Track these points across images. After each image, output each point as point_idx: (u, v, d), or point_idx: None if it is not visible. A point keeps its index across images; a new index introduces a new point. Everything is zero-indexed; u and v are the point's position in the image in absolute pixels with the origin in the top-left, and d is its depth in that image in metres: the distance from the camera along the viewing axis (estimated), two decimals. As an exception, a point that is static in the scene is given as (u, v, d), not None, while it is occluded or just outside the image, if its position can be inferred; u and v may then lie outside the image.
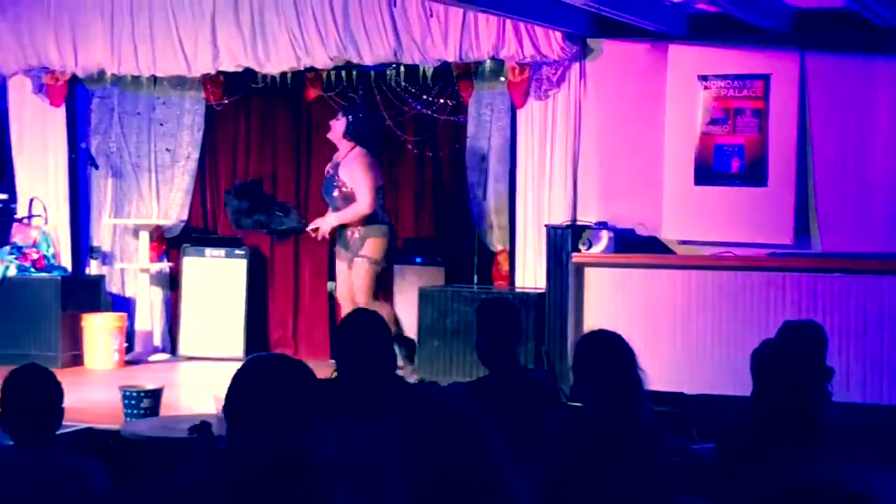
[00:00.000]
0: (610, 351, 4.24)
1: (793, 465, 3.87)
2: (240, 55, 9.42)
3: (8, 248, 9.95)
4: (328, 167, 8.73)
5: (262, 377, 3.68)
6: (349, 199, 8.46)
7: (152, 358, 10.13)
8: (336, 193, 8.52)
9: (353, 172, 8.46)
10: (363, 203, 8.42)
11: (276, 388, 3.63)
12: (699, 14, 8.21)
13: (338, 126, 8.60)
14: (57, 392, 3.64)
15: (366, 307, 8.50)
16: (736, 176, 8.53)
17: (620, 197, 8.74)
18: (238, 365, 8.99)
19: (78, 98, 10.41)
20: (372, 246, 8.52)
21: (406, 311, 9.19)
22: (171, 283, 10.51)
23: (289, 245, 10.31)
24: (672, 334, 8.13)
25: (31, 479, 3.52)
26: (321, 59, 9.27)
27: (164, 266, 10.42)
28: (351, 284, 8.60)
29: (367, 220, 8.50)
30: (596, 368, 4.23)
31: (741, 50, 8.49)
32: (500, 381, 4.85)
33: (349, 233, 8.57)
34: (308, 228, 8.81)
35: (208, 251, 10.25)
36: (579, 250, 8.45)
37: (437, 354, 8.66)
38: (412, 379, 6.53)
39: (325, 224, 8.63)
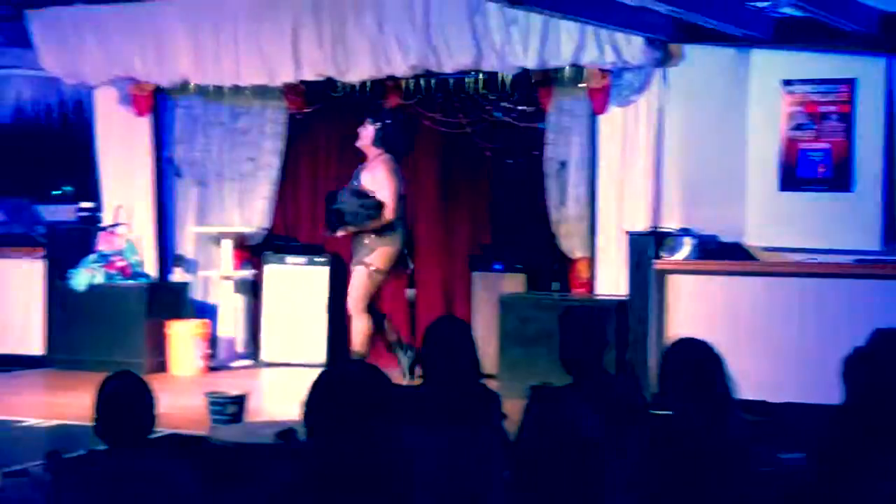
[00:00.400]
0: (699, 359, 4.22)
1: (887, 475, 3.81)
2: (321, 64, 9.49)
3: (94, 255, 10.11)
4: (354, 173, 8.93)
5: (339, 386, 3.69)
6: None
7: (235, 364, 10.24)
8: None
9: (377, 178, 8.76)
10: (386, 210, 8.58)
11: (355, 396, 3.65)
12: (783, 18, 8.12)
13: (366, 133, 8.74)
14: (150, 398, 3.70)
15: (355, 315, 8.94)
16: (821, 181, 8.44)
17: (703, 203, 8.67)
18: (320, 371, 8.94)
19: (162, 108, 10.55)
20: (380, 255, 8.87)
21: (485, 318, 9.20)
22: (254, 291, 10.61)
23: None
24: (755, 341, 8.03)
25: (125, 483, 3.57)
26: (401, 67, 9.30)
27: (247, 273, 10.51)
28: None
29: (383, 229, 8.74)
30: (685, 377, 4.20)
31: (827, 54, 8.39)
32: (584, 389, 4.83)
33: (364, 238, 8.84)
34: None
35: (289, 259, 10.33)
36: (661, 257, 8.41)
37: (517, 362, 8.64)
38: None
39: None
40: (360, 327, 8.94)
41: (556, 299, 8.72)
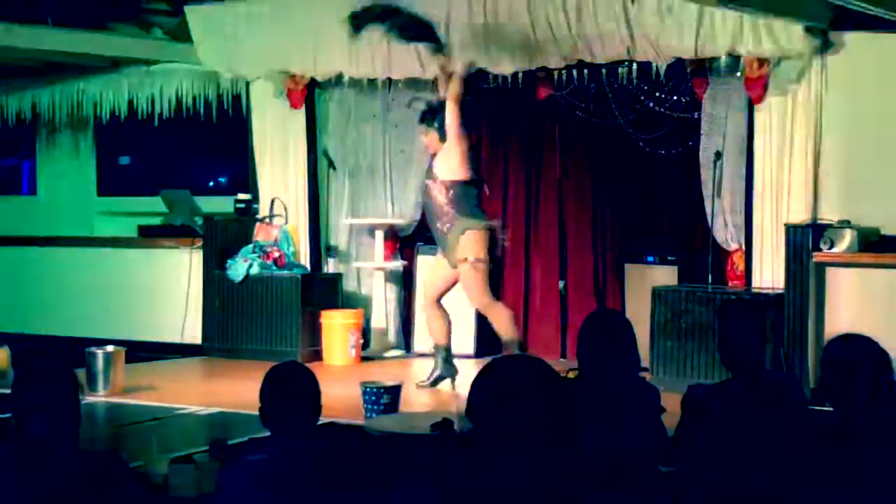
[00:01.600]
0: (863, 357, 4.12)
1: None
2: (472, 56, 9.49)
3: (251, 246, 10.32)
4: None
5: (507, 381, 3.69)
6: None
7: (387, 354, 10.34)
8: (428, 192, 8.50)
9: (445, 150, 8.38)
10: (461, 169, 8.33)
11: (524, 390, 3.64)
12: (949, 4, 7.85)
13: (430, 138, 8.54)
14: (315, 388, 3.76)
15: (489, 309, 8.47)
16: None
17: (864, 194, 8.43)
18: (470, 362, 9.04)
19: (316, 101, 10.69)
20: (473, 243, 8.26)
21: (638, 310, 9.10)
22: (405, 281, 10.70)
23: (520, 243, 10.36)
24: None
25: (292, 469, 3.63)
26: (553, 58, 9.26)
27: (399, 264, 10.61)
28: (446, 282, 8.54)
29: (461, 210, 8.30)
30: (847, 375, 4.11)
31: None
32: (743, 385, 4.75)
33: (443, 228, 8.38)
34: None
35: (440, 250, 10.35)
36: (820, 249, 8.22)
37: (670, 355, 8.55)
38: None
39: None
40: (499, 315, 8.50)
41: (710, 292, 8.59)
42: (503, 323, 8.46)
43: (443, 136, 8.34)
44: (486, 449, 3.42)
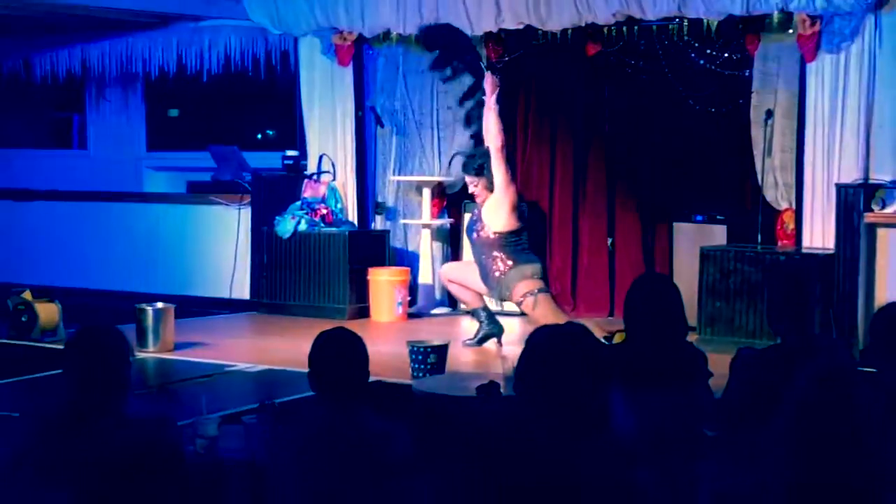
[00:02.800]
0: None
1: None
2: (521, 13, 9.45)
3: (299, 203, 10.34)
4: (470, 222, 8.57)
5: (550, 347, 3.70)
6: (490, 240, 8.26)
7: (434, 311, 10.37)
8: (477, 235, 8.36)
9: (494, 198, 8.23)
10: (509, 220, 8.20)
11: (566, 357, 3.65)
12: None
13: (479, 185, 8.32)
14: (364, 355, 3.77)
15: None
16: None
17: (917, 154, 8.33)
18: (516, 320, 9.00)
19: (365, 57, 10.67)
20: (527, 281, 8.14)
21: (686, 270, 9.07)
22: (452, 239, 10.70)
23: (568, 201, 10.33)
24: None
25: (338, 435, 3.66)
26: (603, 14, 9.18)
27: (445, 222, 10.61)
28: (467, 283, 8.53)
29: (516, 259, 8.17)
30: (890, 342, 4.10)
31: None
32: (792, 349, 4.72)
33: (495, 271, 8.22)
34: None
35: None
36: (872, 210, 8.13)
37: (718, 315, 8.51)
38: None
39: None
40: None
41: (759, 252, 8.53)
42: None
43: (491, 186, 8.27)
44: (529, 415, 3.44)
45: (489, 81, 8.40)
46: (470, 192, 8.56)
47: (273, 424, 4.36)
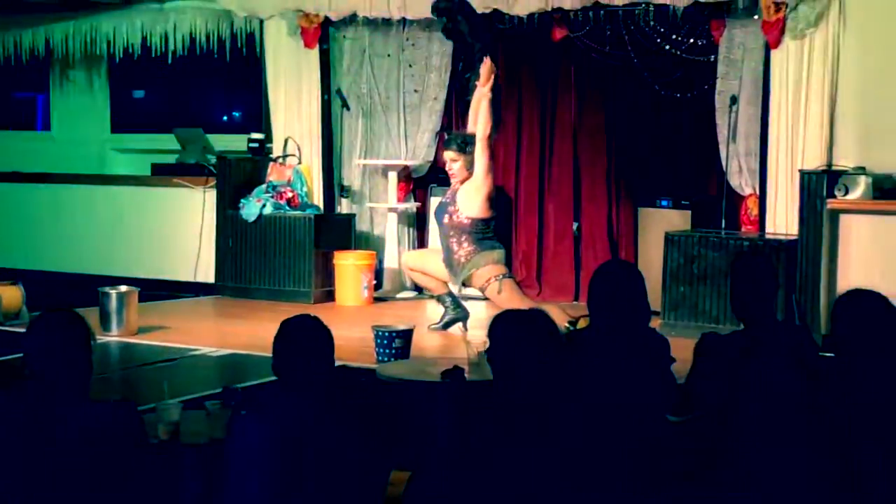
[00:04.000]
0: (873, 314, 4.13)
1: None
2: (488, -4, 9.43)
3: (264, 186, 10.31)
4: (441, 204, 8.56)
5: (518, 325, 3.73)
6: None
7: (400, 295, 10.37)
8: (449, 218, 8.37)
9: (474, 182, 8.26)
10: (482, 207, 8.25)
11: (531, 342, 3.68)
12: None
13: (459, 161, 8.33)
14: (329, 344, 3.76)
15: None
16: None
17: (880, 141, 8.35)
18: (482, 304, 8.98)
19: (330, 40, 10.62)
20: (490, 267, 8.20)
21: (650, 254, 9.11)
22: (418, 222, 10.69)
23: (534, 185, 10.35)
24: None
25: (299, 421, 3.66)
26: (569, -1, 9.19)
27: (412, 206, 10.60)
28: (429, 272, 8.53)
29: (482, 246, 8.22)
30: (857, 332, 4.14)
31: None
32: (755, 335, 4.75)
33: (460, 258, 8.27)
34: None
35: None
36: (835, 196, 8.18)
37: (682, 300, 8.54)
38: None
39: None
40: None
41: (723, 237, 8.56)
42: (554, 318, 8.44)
43: (470, 168, 8.27)
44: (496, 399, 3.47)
45: (487, 67, 8.36)
46: (447, 168, 8.53)
47: (235, 409, 4.35)
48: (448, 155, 8.45)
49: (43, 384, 3.58)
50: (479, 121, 8.28)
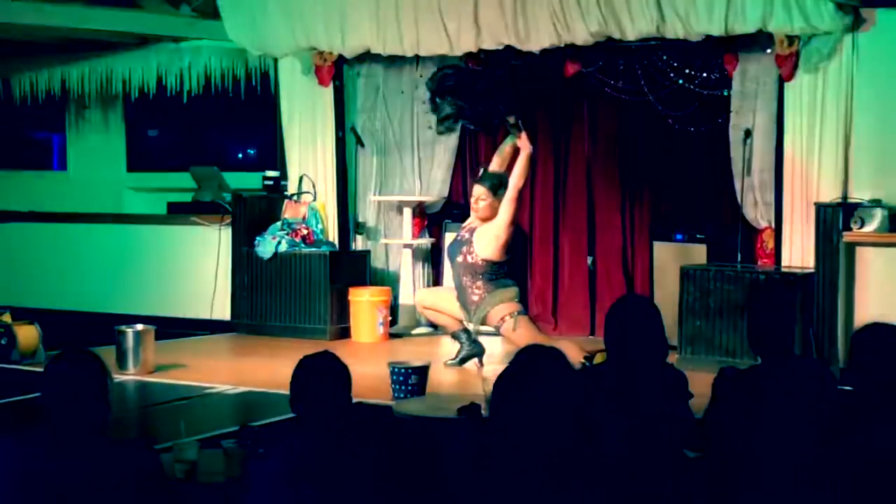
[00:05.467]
0: (891, 350, 4.12)
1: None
2: (501, 33, 9.45)
3: (279, 223, 10.34)
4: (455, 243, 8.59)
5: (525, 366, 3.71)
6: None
7: (415, 331, 10.36)
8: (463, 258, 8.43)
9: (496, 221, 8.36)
10: (497, 250, 8.33)
11: (542, 376, 3.67)
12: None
13: (485, 201, 8.40)
14: (347, 382, 3.76)
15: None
16: None
17: (895, 174, 8.36)
18: (499, 341, 8.92)
19: (345, 77, 10.67)
20: (505, 305, 8.29)
21: (666, 289, 9.09)
22: (433, 258, 10.70)
23: (548, 220, 10.35)
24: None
25: (317, 458, 3.65)
26: (582, 35, 9.19)
27: (426, 242, 10.61)
28: (444, 311, 8.59)
29: (495, 285, 8.31)
30: (876, 366, 4.12)
31: None
32: (772, 370, 4.73)
33: (473, 296, 8.34)
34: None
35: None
36: (851, 229, 8.16)
37: (698, 335, 8.52)
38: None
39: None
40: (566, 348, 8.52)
41: (739, 271, 8.55)
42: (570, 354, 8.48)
43: (494, 210, 8.37)
44: (508, 439, 3.45)
45: (525, 142, 8.48)
46: (473, 202, 8.55)
47: (252, 447, 4.34)
48: (478, 191, 8.49)
49: (60, 424, 3.58)
50: (515, 172, 8.36)
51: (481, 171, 9.09)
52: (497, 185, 8.39)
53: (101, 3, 10.53)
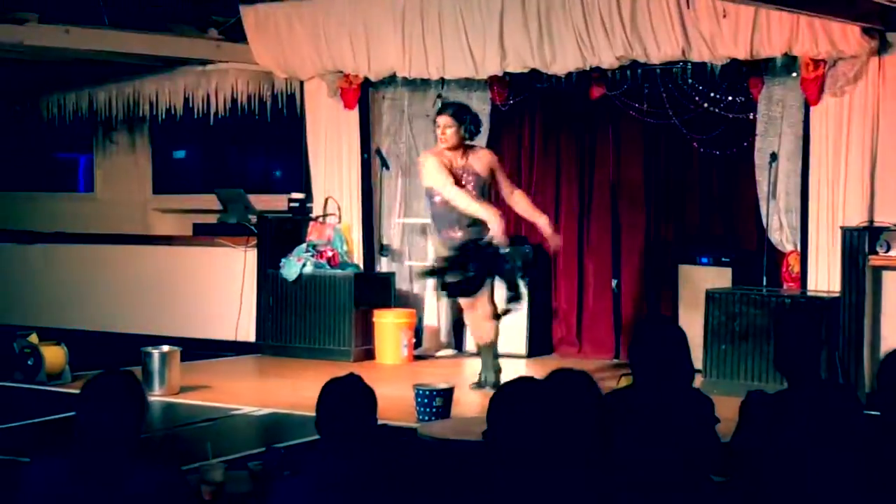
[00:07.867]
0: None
1: None
2: (526, 56, 9.49)
3: (304, 245, 10.37)
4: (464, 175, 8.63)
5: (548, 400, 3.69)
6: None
7: (439, 354, 10.37)
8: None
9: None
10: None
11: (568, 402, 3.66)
12: None
13: (451, 129, 8.50)
14: (373, 405, 3.76)
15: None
16: None
17: (922, 197, 8.35)
18: (522, 361, 8.93)
19: (370, 100, 10.72)
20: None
21: (691, 312, 9.07)
22: (458, 281, 10.68)
23: (573, 242, 10.33)
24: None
25: (343, 480, 3.66)
26: (607, 58, 9.22)
27: (451, 264, 10.60)
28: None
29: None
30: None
31: None
32: (799, 395, 4.71)
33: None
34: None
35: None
36: (877, 253, 8.14)
37: (723, 358, 8.50)
38: None
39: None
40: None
41: (765, 295, 8.53)
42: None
43: (460, 139, 8.50)
44: (530, 463, 3.44)
45: (554, 237, 8.88)
46: (440, 136, 8.55)
47: (278, 469, 4.35)
48: (443, 121, 8.55)
49: (93, 446, 3.57)
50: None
51: (439, 102, 9.24)
52: (458, 112, 8.52)
53: (130, 27, 10.61)
